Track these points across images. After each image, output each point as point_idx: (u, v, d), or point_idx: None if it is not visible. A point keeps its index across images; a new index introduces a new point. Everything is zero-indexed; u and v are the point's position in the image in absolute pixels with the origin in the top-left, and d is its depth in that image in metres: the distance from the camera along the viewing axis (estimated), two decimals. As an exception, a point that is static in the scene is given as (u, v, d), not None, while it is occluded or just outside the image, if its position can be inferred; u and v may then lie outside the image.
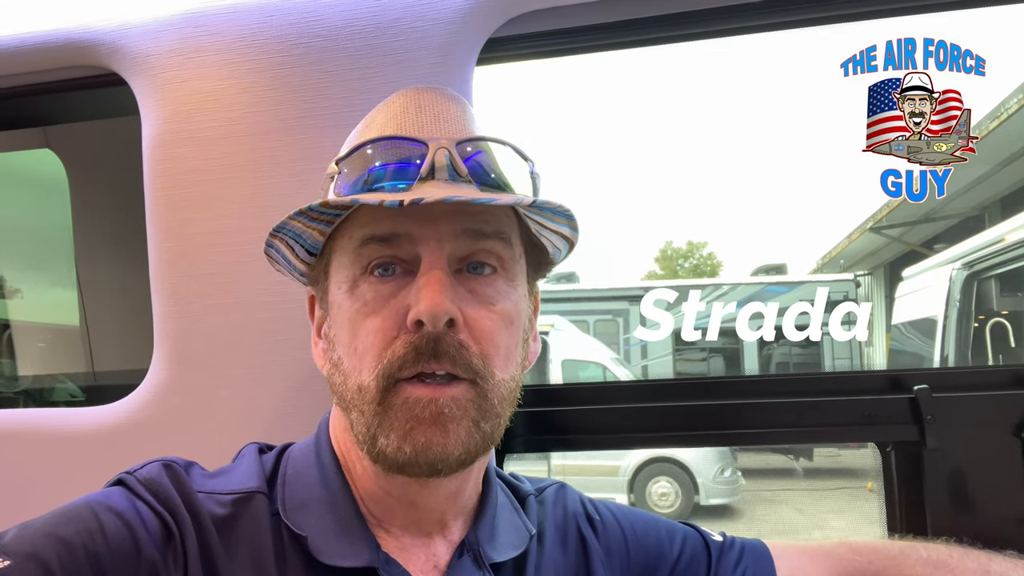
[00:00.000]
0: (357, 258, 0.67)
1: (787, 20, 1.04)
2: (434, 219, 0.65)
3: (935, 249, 8.69)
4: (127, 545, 0.59)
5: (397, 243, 0.66)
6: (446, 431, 0.63)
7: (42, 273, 2.29)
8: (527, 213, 0.71)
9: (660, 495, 7.46)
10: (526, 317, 0.73)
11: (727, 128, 47.15)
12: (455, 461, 0.64)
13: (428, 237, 0.65)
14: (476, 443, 0.65)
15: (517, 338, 0.70)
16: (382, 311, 0.65)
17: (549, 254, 0.78)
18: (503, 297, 0.68)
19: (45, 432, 1.12)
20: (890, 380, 1.03)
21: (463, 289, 0.66)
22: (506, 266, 0.69)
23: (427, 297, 0.62)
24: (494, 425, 0.67)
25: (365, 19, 1.03)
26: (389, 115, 0.72)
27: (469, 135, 0.70)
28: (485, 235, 0.67)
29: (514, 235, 0.71)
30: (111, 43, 1.10)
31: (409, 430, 0.63)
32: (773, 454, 10.03)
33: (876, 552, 0.86)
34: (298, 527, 0.67)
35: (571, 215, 0.71)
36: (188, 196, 1.07)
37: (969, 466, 0.98)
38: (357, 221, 0.68)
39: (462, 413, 0.64)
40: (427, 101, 0.72)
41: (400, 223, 0.65)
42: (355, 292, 0.67)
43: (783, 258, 35.00)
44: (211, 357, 1.06)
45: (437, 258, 0.65)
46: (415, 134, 0.68)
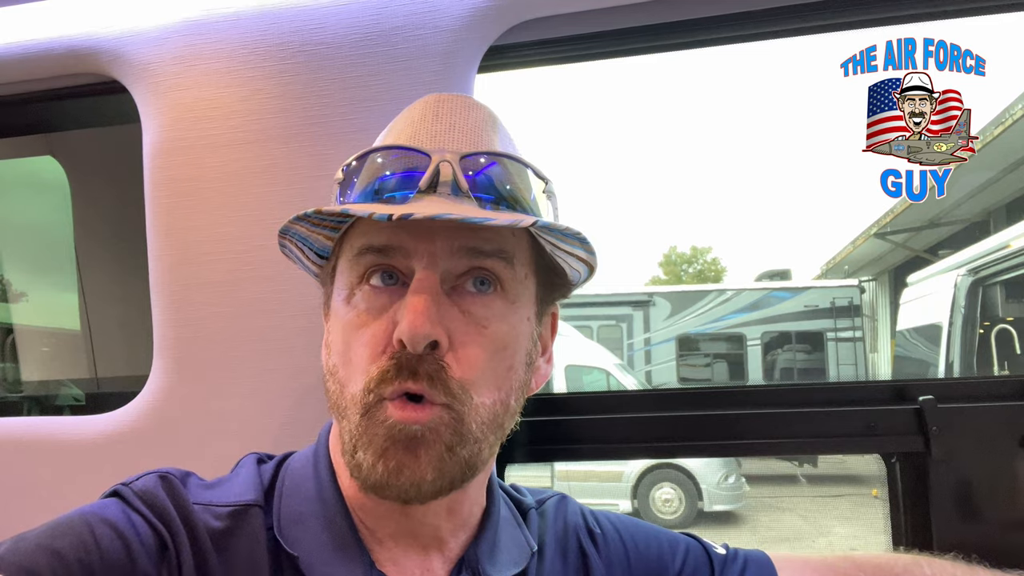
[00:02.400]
0: (355, 266, 0.67)
1: (786, 29, 1.04)
2: (431, 234, 0.64)
3: (940, 255, 8.67)
4: (121, 558, 0.58)
5: (392, 255, 0.65)
6: (417, 456, 0.62)
7: (46, 278, 2.30)
8: (538, 233, 0.69)
9: (664, 501, 7.44)
10: (528, 339, 0.70)
11: (731, 133, 47.18)
12: (428, 488, 0.62)
13: (423, 252, 0.64)
14: (451, 470, 0.63)
15: (512, 361, 0.67)
16: (373, 323, 0.64)
17: (567, 276, 0.75)
18: (498, 319, 0.66)
19: (45, 440, 1.11)
20: (895, 390, 1.03)
21: (456, 309, 0.64)
22: (506, 286, 0.67)
23: (408, 319, 0.61)
24: (473, 451, 0.65)
25: (366, 27, 1.03)
26: (407, 121, 0.70)
27: (481, 148, 0.68)
28: (484, 253, 0.65)
29: (520, 254, 0.68)
30: (112, 51, 1.10)
31: (384, 450, 0.62)
32: (777, 460, 10.01)
33: (880, 569, 0.84)
34: (291, 545, 0.66)
35: (583, 238, 0.67)
36: (189, 204, 1.07)
37: (975, 477, 0.97)
38: (358, 230, 0.67)
39: (434, 438, 0.62)
40: (446, 109, 0.70)
41: (396, 235, 0.64)
42: (351, 300, 0.66)
43: (787, 263, 34.95)
44: (211, 365, 1.06)
45: (428, 275, 0.63)
46: (426, 143, 0.67)
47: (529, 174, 0.69)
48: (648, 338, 11.19)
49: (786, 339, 10.82)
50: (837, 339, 10.49)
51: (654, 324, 11.17)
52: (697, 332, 11.09)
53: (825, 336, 10.58)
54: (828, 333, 10.56)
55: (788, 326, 10.76)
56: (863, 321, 10.77)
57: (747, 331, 10.91)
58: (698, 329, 11.08)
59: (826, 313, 10.59)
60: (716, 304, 11.10)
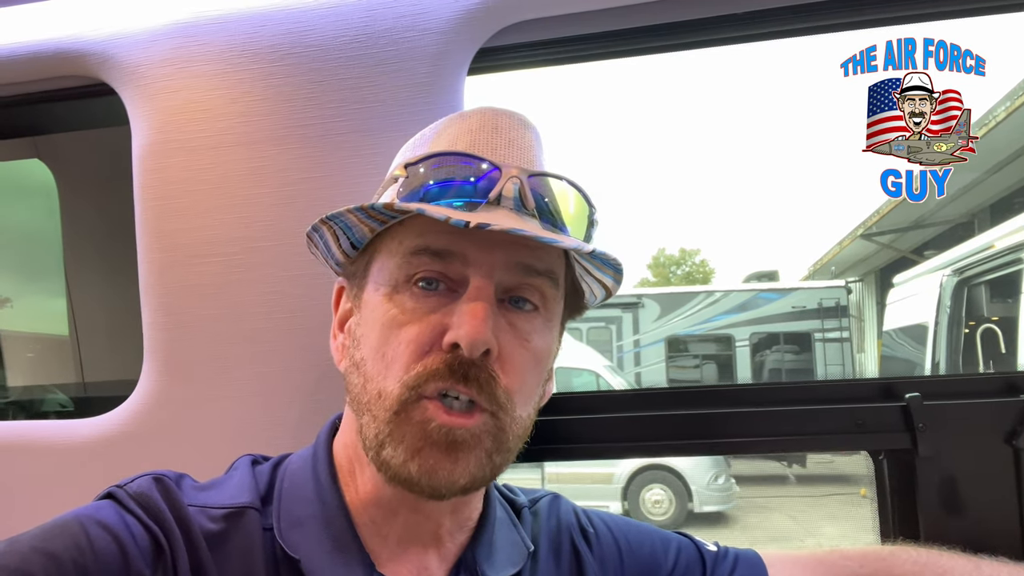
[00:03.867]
0: (405, 265, 0.66)
1: (777, 30, 1.05)
2: (491, 246, 0.64)
3: (925, 255, 8.75)
4: (116, 560, 0.58)
5: (450, 260, 0.65)
6: (456, 459, 0.63)
7: (34, 283, 2.28)
8: (577, 258, 0.71)
9: (654, 503, 7.45)
10: (553, 357, 0.73)
11: (719, 136, 47.38)
12: (459, 489, 0.64)
13: (481, 262, 0.64)
14: (484, 474, 0.65)
15: (541, 377, 0.70)
16: (419, 323, 0.64)
17: (585, 298, 0.77)
18: (539, 335, 0.68)
19: (34, 444, 1.11)
20: (882, 388, 1.04)
21: (503, 320, 0.65)
22: (548, 305, 0.69)
23: (469, 324, 0.61)
24: (504, 459, 0.67)
25: (356, 29, 1.03)
26: (463, 129, 0.71)
27: (540, 168, 0.69)
28: (536, 272, 0.67)
29: (561, 276, 0.71)
30: (101, 53, 1.09)
31: (419, 450, 0.62)
32: (767, 461, 10.05)
33: (866, 556, 0.87)
34: (292, 547, 0.66)
35: (620, 268, 0.70)
36: (178, 206, 1.06)
37: (961, 474, 0.98)
38: (413, 229, 0.67)
39: (476, 443, 0.63)
40: (504, 124, 0.71)
41: (456, 242, 0.65)
42: (394, 298, 0.66)
43: (775, 265, 35.15)
44: (202, 368, 1.06)
45: (486, 285, 0.64)
46: (487, 156, 0.67)
47: (580, 199, 0.70)
48: (637, 340, 11.22)
49: (774, 340, 10.87)
50: (824, 340, 10.56)
51: (643, 326, 11.20)
52: (686, 333, 11.13)
53: (813, 337, 10.64)
54: (816, 334, 10.62)
55: (776, 327, 10.81)
56: (850, 322, 10.84)
57: (735, 332, 10.96)
58: (687, 331, 11.12)
59: (813, 314, 10.65)
60: (705, 306, 11.14)
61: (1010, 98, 6.49)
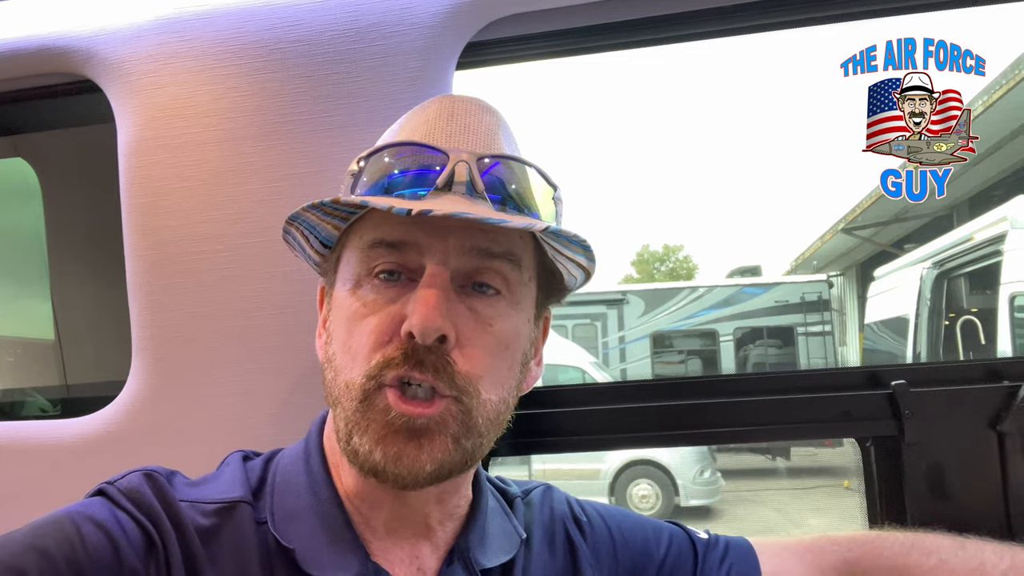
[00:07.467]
0: (365, 259, 0.67)
1: (763, 23, 1.06)
2: (444, 232, 0.65)
3: (905, 249, 8.84)
4: (108, 556, 0.58)
5: (405, 251, 0.65)
6: (419, 446, 0.63)
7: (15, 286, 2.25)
8: (544, 238, 0.70)
9: (641, 497, 7.49)
10: (527, 341, 0.72)
11: (702, 132, 47.57)
12: (426, 476, 0.63)
13: (435, 249, 0.65)
14: (454, 459, 0.65)
15: (512, 361, 0.69)
16: (379, 314, 0.65)
17: (564, 280, 0.77)
18: (503, 319, 0.68)
19: (23, 445, 1.10)
20: (868, 376, 1.05)
21: (463, 306, 0.66)
22: (512, 288, 0.69)
23: (420, 311, 0.62)
24: (476, 444, 0.66)
25: (343, 24, 1.03)
26: (421, 119, 0.71)
27: (494, 151, 0.69)
28: (493, 255, 0.67)
29: (526, 258, 0.70)
30: (85, 49, 1.08)
31: (382, 437, 0.63)
32: (751, 455, 10.13)
33: (854, 540, 0.88)
34: (287, 539, 0.66)
35: (587, 246, 0.70)
36: (165, 204, 1.06)
37: (947, 459, 1.00)
38: (370, 222, 0.68)
39: (441, 429, 0.64)
40: (461, 110, 0.71)
41: (410, 231, 0.65)
42: (357, 292, 0.67)
43: (758, 260, 35.34)
44: (191, 366, 1.05)
45: (440, 271, 0.64)
46: (441, 143, 0.68)
47: (540, 179, 0.71)
48: (622, 336, 11.26)
49: (758, 334, 10.95)
50: (807, 333, 10.65)
51: (628, 322, 11.24)
52: (671, 329, 11.19)
53: (795, 331, 10.73)
54: (798, 328, 10.71)
55: (759, 321, 10.89)
56: (832, 315, 10.94)
57: (719, 327, 11.02)
58: (672, 326, 11.18)
59: (796, 308, 10.74)
60: (689, 301, 11.20)
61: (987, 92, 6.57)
